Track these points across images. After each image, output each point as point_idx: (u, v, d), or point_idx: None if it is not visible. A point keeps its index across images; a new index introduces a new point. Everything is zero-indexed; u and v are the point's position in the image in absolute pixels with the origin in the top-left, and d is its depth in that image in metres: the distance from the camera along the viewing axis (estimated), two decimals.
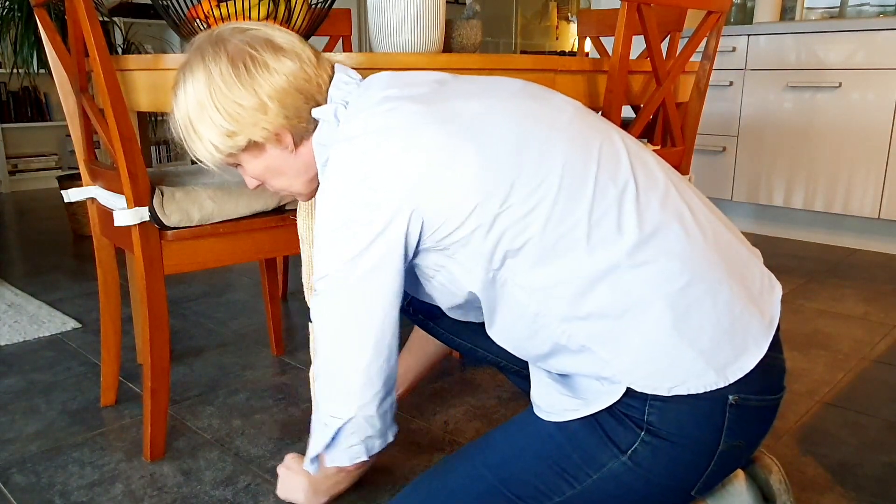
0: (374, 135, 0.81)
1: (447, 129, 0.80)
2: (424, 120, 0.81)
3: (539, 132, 0.81)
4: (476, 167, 0.78)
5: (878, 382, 1.64)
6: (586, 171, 0.80)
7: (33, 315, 2.11)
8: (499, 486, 0.84)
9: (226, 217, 1.28)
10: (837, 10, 3.22)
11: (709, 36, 1.61)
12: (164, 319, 1.27)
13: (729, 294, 0.79)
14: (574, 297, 0.78)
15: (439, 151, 0.79)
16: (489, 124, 0.81)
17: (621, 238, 0.78)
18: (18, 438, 1.40)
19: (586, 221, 0.78)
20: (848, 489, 1.22)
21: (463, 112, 0.82)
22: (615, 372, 0.79)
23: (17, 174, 4.55)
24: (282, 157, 0.93)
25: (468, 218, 0.79)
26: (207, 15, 1.27)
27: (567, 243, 0.78)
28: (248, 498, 1.20)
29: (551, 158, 0.79)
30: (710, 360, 0.77)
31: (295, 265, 2.55)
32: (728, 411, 0.78)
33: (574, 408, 0.82)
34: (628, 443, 0.79)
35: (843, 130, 2.78)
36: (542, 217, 0.78)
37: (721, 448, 0.79)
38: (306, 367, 1.72)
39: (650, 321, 0.77)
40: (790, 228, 3.11)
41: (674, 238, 0.79)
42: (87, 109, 1.32)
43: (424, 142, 0.79)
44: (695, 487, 0.82)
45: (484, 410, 1.50)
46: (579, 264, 0.78)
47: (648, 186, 0.81)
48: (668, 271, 0.77)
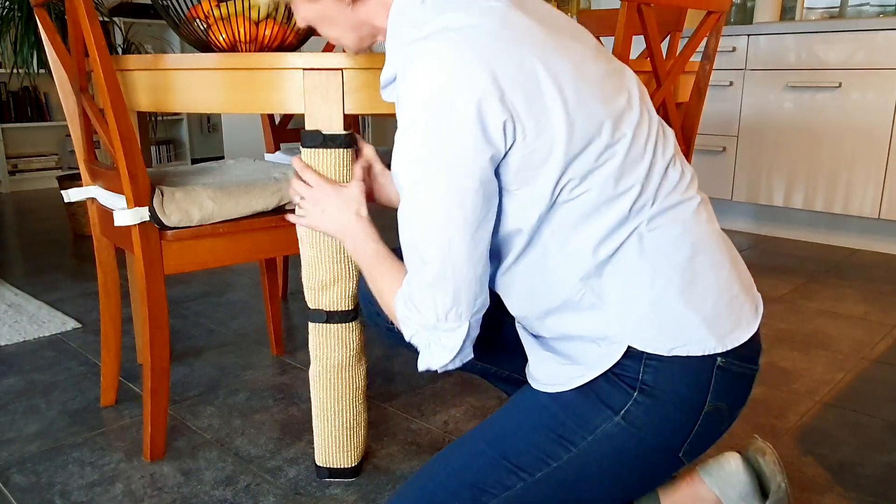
0: (475, 30, 0.77)
1: (558, 53, 0.80)
2: (542, 33, 0.80)
3: (618, 95, 0.83)
4: (573, 103, 0.78)
5: (878, 382, 1.64)
6: (647, 143, 0.83)
7: (33, 315, 2.11)
8: (499, 458, 0.86)
9: (226, 217, 1.28)
10: (837, 10, 3.22)
11: (709, 36, 1.61)
12: (164, 319, 1.27)
13: (728, 274, 0.84)
14: (600, 260, 0.81)
15: (548, 68, 0.78)
16: (588, 70, 0.81)
17: (650, 206, 0.82)
18: (18, 438, 1.40)
19: (638, 190, 0.81)
20: (848, 489, 1.22)
21: (569, 47, 0.82)
22: (618, 332, 0.81)
23: (17, 174, 4.55)
24: (337, 8, 0.91)
25: (553, 148, 0.78)
26: (207, 15, 1.27)
27: (613, 208, 0.81)
28: (248, 498, 1.20)
29: (625, 124, 0.82)
30: (711, 328, 0.81)
31: (295, 265, 2.55)
32: (715, 372, 0.82)
33: (576, 374, 0.84)
34: (621, 403, 0.82)
35: (843, 130, 2.78)
36: (602, 177, 0.80)
37: (706, 408, 0.83)
38: (306, 367, 1.72)
39: (660, 284, 0.80)
40: (790, 228, 3.11)
41: (689, 212, 0.84)
42: (87, 109, 1.32)
43: (540, 51, 0.78)
44: (682, 448, 0.85)
45: (484, 410, 1.50)
46: (615, 227, 0.81)
47: (678, 164, 0.87)
48: (680, 241, 0.82)
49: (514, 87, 0.76)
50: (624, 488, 0.87)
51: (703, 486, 0.99)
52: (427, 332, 0.86)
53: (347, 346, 1.18)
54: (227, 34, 1.26)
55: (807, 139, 2.88)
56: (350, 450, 1.23)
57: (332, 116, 1.09)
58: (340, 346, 1.18)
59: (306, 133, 1.10)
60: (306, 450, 1.35)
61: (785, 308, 2.17)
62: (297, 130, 2.20)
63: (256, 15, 1.26)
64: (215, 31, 1.27)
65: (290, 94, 1.10)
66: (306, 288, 1.17)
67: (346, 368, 1.19)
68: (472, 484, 0.86)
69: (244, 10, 1.24)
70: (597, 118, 0.79)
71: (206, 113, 3.13)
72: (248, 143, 4.24)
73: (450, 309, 0.83)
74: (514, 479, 0.85)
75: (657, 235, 0.82)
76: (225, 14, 1.25)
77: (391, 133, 4.40)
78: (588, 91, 0.80)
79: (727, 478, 0.98)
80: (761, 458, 0.99)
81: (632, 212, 0.81)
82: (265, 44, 1.28)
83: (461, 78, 0.75)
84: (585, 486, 0.85)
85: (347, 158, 1.11)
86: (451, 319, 0.84)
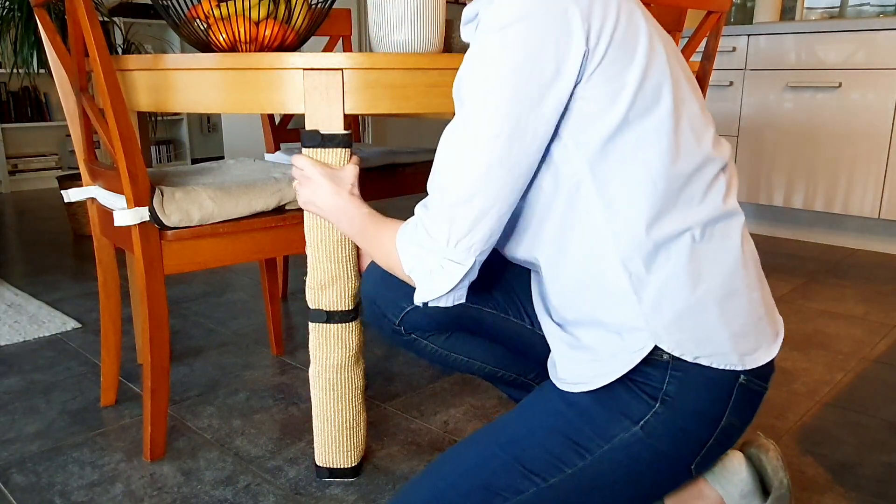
0: None
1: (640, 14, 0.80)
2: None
3: (685, 83, 0.83)
4: (644, 57, 0.78)
5: (878, 382, 1.64)
6: (706, 130, 0.83)
7: (33, 315, 2.11)
8: (512, 462, 0.86)
9: (226, 217, 1.28)
10: (837, 10, 3.22)
11: (709, 36, 1.61)
12: (164, 319, 1.27)
13: (759, 296, 0.85)
14: (652, 245, 0.80)
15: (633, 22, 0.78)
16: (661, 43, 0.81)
17: (704, 206, 0.81)
18: (18, 438, 1.40)
19: (689, 174, 0.81)
20: (848, 489, 1.22)
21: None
22: (647, 325, 0.80)
23: (17, 174, 4.55)
24: None
25: (643, 73, 0.77)
26: (207, 15, 1.27)
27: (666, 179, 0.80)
28: (248, 498, 1.20)
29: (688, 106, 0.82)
30: (736, 345, 0.81)
31: (295, 265, 2.56)
32: (736, 389, 0.82)
33: (601, 372, 0.83)
34: (640, 414, 0.82)
35: (843, 130, 2.78)
36: (658, 134, 0.79)
37: (723, 423, 0.83)
38: (306, 367, 1.72)
39: (702, 291, 0.80)
40: (790, 228, 3.11)
41: (738, 227, 0.84)
42: (87, 109, 1.32)
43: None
44: (695, 461, 0.85)
45: (484, 410, 1.50)
46: (665, 208, 0.80)
47: (731, 171, 0.88)
48: (728, 255, 0.82)
49: (600, 16, 0.75)
50: (634, 497, 0.87)
51: (705, 484, 0.99)
52: (431, 258, 0.83)
53: (347, 346, 1.18)
54: (227, 34, 1.26)
55: (807, 139, 2.88)
56: (350, 450, 1.23)
57: (332, 116, 1.09)
58: (340, 346, 1.18)
59: (306, 133, 1.10)
60: (306, 450, 1.35)
61: (785, 308, 2.17)
62: (297, 130, 2.20)
63: (256, 15, 1.26)
64: (215, 31, 1.27)
65: (290, 94, 1.10)
66: (307, 288, 1.17)
67: (345, 368, 1.19)
68: (484, 486, 0.86)
69: (244, 10, 1.24)
70: (668, 75, 0.79)
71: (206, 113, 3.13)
72: (248, 143, 4.24)
73: (463, 236, 0.80)
74: (527, 484, 0.85)
75: (710, 243, 0.81)
76: (225, 14, 1.25)
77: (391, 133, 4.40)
78: (672, 51, 0.81)
79: (729, 476, 0.98)
80: (764, 455, 0.99)
81: (684, 194, 0.80)
82: (265, 44, 1.28)
83: (544, 3, 0.74)
84: (597, 494, 0.85)
85: (347, 158, 1.11)
86: (461, 249, 0.81)
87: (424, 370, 1.71)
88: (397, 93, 1.10)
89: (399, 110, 1.12)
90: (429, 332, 1.13)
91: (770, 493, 0.97)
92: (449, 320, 1.11)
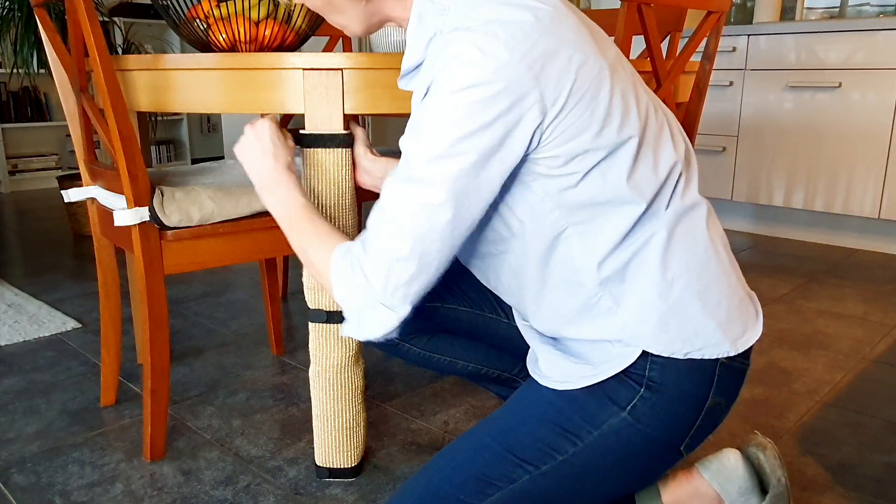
0: (524, 25, 0.74)
1: (600, 51, 0.79)
2: (587, 31, 0.79)
3: (641, 93, 0.83)
4: (617, 100, 0.77)
5: (877, 382, 1.64)
6: (665, 145, 0.84)
7: (33, 315, 2.11)
8: (505, 452, 0.87)
9: (226, 217, 1.28)
10: (837, 10, 3.22)
11: (709, 36, 1.61)
12: (164, 319, 1.27)
13: (735, 279, 0.86)
14: (620, 265, 0.81)
15: (586, 58, 0.76)
16: (620, 66, 0.81)
17: (668, 210, 0.82)
18: (18, 438, 1.40)
19: (655, 187, 0.82)
20: (848, 489, 1.22)
21: (607, 47, 0.82)
22: (633, 335, 0.82)
23: (17, 174, 4.55)
24: (348, 1, 0.88)
25: (602, 130, 0.77)
26: (207, 15, 1.27)
27: (629, 205, 0.80)
28: (248, 498, 1.20)
29: (645, 119, 0.82)
30: (726, 333, 0.83)
31: (295, 265, 2.55)
32: (718, 369, 0.84)
33: (589, 373, 0.84)
34: (627, 399, 0.83)
35: (843, 130, 2.78)
36: (619, 167, 0.79)
37: (709, 403, 0.85)
38: (306, 367, 1.72)
39: (679, 289, 0.81)
40: (790, 228, 3.11)
41: (702, 217, 0.85)
42: (87, 109, 1.32)
43: (585, 47, 0.77)
44: (684, 442, 0.86)
45: (484, 410, 1.50)
46: (632, 227, 0.81)
47: (691, 162, 0.89)
48: (697, 247, 0.83)
49: (557, 86, 0.74)
50: (626, 480, 0.88)
51: (703, 482, 1.00)
52: (366, 301, 0.80)
53: (347, 346, 1.18)
54: (227, 34, 1.26)
55: (807, 139, 2.88)
56: (350, 450, 1.23)
57: (332, 116, 1.09)
58: (340, 346, 1.18)
59: (306, 133, 1.10)
60: (306, 450, 1.35)
61: (785, 308, 2.17)
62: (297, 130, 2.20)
63: (256, 15, 1.26)
64: (215, 31, 1.27)
65: (290, 94, 1.10)
66: (306, 288, 1.17)
67: (345, 368, 1.19)
68: (477, 476, 0.87)
69: (244, 10, 1.24)
70: (631, 118, 0.79)
71: (206, 113, 3.13)
72: None
73: (400, 286, 0.79)
74: (519, 472, 0.86)
75: (678, 240, 0.82)
76: (225, 14, 1.25)
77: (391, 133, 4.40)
78: (628, 86, 0.80)
79: (727, 473, 0.99)
80: (761, 453, 1.00)
81: (649, 210, 0.81)
82: (265, 44, 1.29)
83: (503, 73, 0.72)
84: (589, 479, 0.86)
85: (347, 158, 1.11)
86: (398, 298, 0.79)
87: (424, 370, 1.71)
88: (397, 93, 1.10)
89: (399, 110, 1.12)
90: (410, 334, 1.15)
91: (768, 491, 0.98)
92: (427, 323, 1.13)
